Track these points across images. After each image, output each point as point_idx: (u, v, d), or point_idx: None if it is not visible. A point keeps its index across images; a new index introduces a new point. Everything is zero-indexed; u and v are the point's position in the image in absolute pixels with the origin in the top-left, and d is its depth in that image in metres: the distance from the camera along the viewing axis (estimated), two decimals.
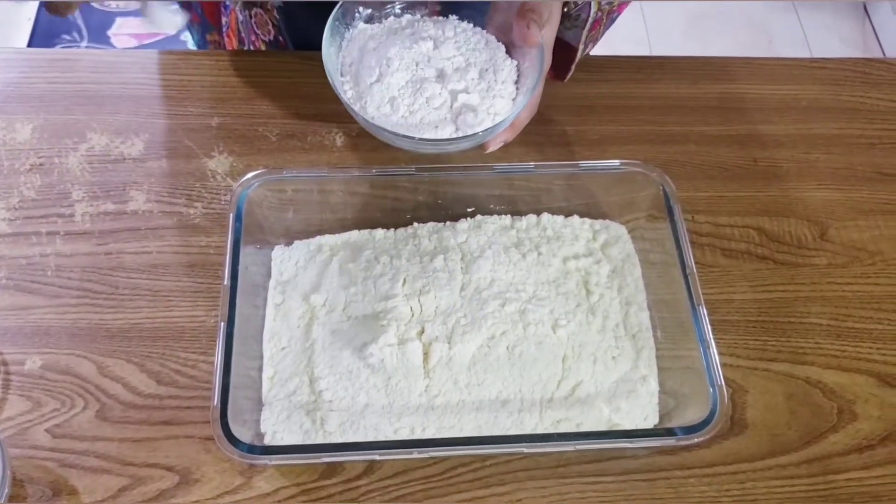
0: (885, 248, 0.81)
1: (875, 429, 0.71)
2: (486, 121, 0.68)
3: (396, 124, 0.68)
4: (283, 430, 0.66)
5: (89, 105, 0.86)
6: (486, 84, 0.69)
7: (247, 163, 0.83)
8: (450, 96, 0.68)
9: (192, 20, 1.07)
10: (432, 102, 0.68)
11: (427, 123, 0.67)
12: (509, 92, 0.70)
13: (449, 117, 0.68)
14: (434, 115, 0.68)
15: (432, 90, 0.68)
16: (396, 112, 0.68)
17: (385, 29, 0.73)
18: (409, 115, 0.68)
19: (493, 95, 0.69)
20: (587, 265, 0.75)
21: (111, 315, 0.73)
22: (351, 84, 0.70)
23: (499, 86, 0.69)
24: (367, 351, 0.67)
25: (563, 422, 0.67)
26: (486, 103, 0.68)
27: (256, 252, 0.74)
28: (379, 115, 0.68)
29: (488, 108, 0.68)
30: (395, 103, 0.68)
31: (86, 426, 0.68)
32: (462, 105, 0.68)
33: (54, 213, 0.78)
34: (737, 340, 0.75)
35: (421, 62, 0.70)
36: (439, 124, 0.67)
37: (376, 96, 0.68)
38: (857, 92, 0.92)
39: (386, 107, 0.68)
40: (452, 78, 0.68)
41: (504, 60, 0.71)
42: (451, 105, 0.68)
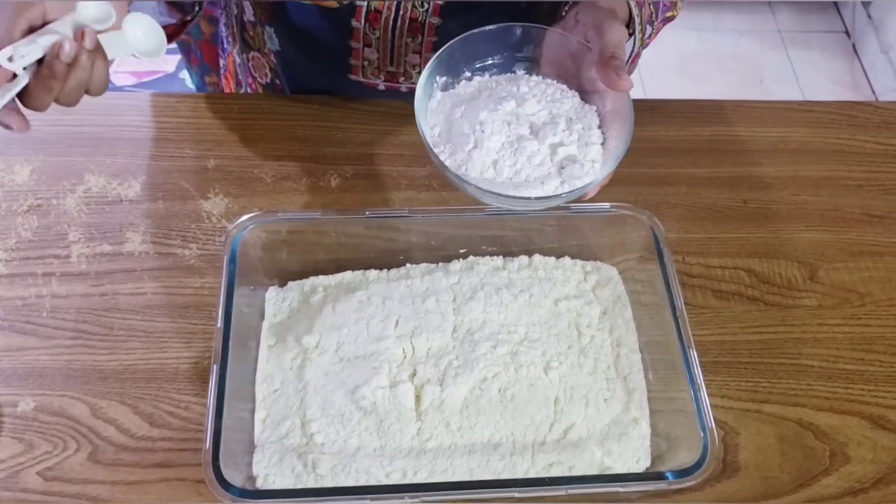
0: (874, 290, 0.81)
1: (868, 472, 0.71)
2: (589, 169, 0.67)
3: (504, 186, 0.66)
4: (274, 472, 0.66)
5: (87, 147, 0.87)
6: (577, 134, 0.68)
7: (242, 204, 0.83)
8: (549, 150, 0.67)
9: (191, 62, 1.08)
10: (533, 160, 0.67)
11: (533, 181, 0.66)
12: (597, 137, 0.69)
13: (553, 172, 0.67)
14: (538, 171, 0.66)
15: (532, 148, 0.67)
16: (501, 174, 0.66)
17: (463, 94, 0.73)
18: (515, 176, 0.67)
19: (585, 143, 0.68)
20: (578, 306, 0.75)
21: (105, 356, 0.73)
22: (448, 153, 0.69)
23: (588, 133, 0.69)
24: (359, 393, 0.67)
25: (556, 465, 0.67)
26: (583, 152, 0.68)
27: (250, 293, 0.75)
28: (483, 180, 0.67)
29: (585, 156, 0.68)
30: (498, 166, 0.67)
31: (78, 469, 0.68)
32: (564, 158, 0.67)
33: (51, 255, 0.79)
34: (728, 382, 0.75)
35: (511, 121, 0.69)
36: (545, 180, 0.66)
37: (477, 162, 0.67)
38: (845, 134, 0.94)
39: (490, 171, 0.67)
40: (547, 132, 0.68)
41: (583, 107, 0.70)
42: (551, 159, 0.67)
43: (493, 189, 0.65)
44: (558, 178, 0.66)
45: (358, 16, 0.84)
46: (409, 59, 0.89)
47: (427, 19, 0.85)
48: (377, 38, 0.87)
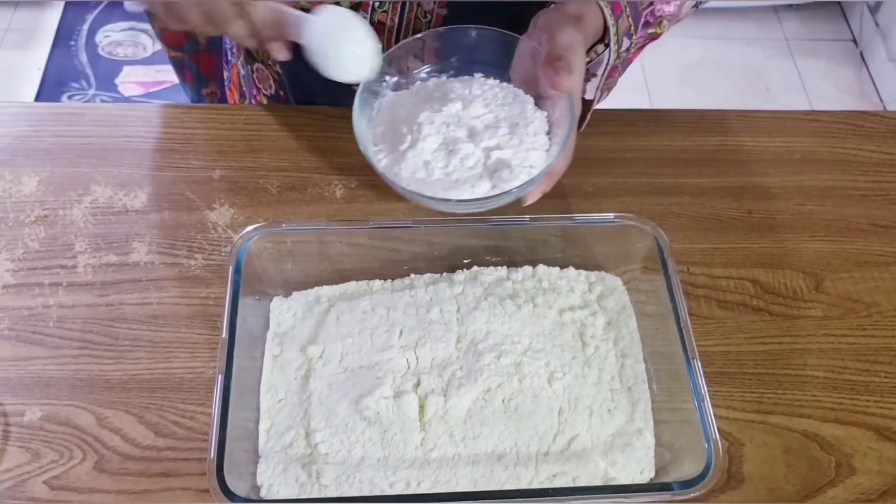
0: (880, 300, 0.81)
1: (874, 483, 0.70)
2: (522, 174, 0.67)
3: (434, 188, 0.67)
4: (278, 482, 0.66)
5: (94, 158, 0.88)
6: (519, 138, 0.69)
7: (247, 215, 0.84)
8: (483, 154, 0.68)
9: (185, 79, 1.09)
10: (466, 162, 0.67)
11: (463, 183, 0.67)
12: (542, 143, 0.70)
13: (485, 175, 0.67)
14: (469, 174, 0.67)
15: (465, 150, 0.67)
16: (432, 175, 0.67)
17: (413, 94, 0.74)
18: (445, 178, 0.67)
19: (526, 149, 0.68)
20: (583, 317, 0.75)
21: (111, 366, 0.74)
22: (385, 153, 0.70)
23: (531, 138, 0.69)
24: (362, 403, 0.68)
25: (560, 476, 0.67)
26: (520, 157, 0.68)
27: (255, 303, 0.75)
28: (415, 181, 0.68)
29: (522, 162, 0.68)
30: (430, 167, 0.68)
31: (84, 478, 0.68)
32: (496, 161, 0.68)
33: (57, 265, 0.79)
34: (733, 393, 0.75)
35: (451, 123, 0.70)
36: (476, 183, 0.67)
37: (410, 162, 0.68)
38: (850, 144, 0.94)
39: (421, 171, 0.68)
40: (484, 135, 0.68)
41: (534, 112, 0.71)
42: (485, 163, 0.68)
43: (420, 191, 0.66)
44: (489, 182, 0.66)
45: None
46: None
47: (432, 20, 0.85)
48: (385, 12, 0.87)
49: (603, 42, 0.75)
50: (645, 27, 0.77)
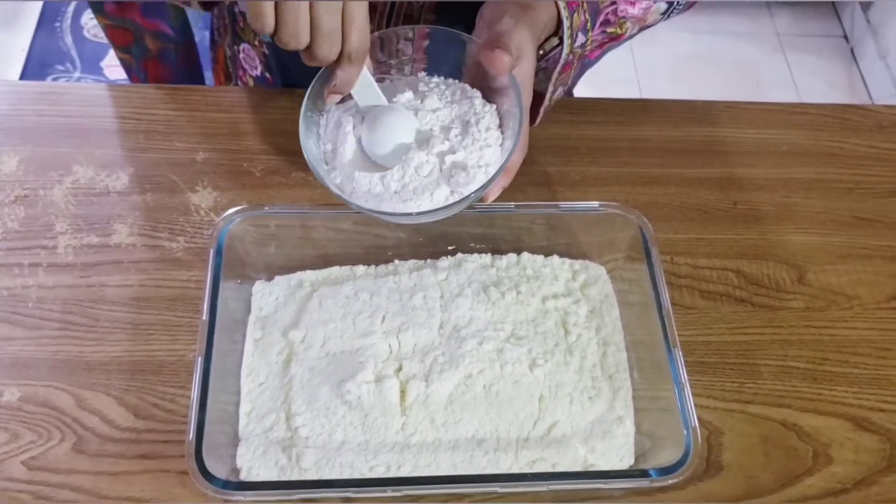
0: (862, 293, 0.81)
1: (850, 472, 0.71)
2: (479, 174, 0.66)
3: (392, 202, 0.66)
4: (258, 465, 0.66)
5: (76, 138, 0.87)
6: (471, 137, 0.67)
7: (230, 198, 0.83)
8: (437, 160, 0.66)
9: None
10: (421, 171, 0.66)
11: (422, 192, 0.66)
12: (495, 138, 0.68)
13: (442, 181, 0.66)
14: (426, 181, 0.66)
15: (418, 159, 0.66)
16: (388, 189, 0.66)
17: (356, 105, 0.70)
18: (402, 190, 0.66)
19: (479, 147, 0.67)
20: (566, 305, 0.75)
21: (91, 348, 0.73)
22: (338, 170, 0.68)
23: (483, 135, 0.67)
24: (344, 388, 0.67)
25: (539, 462, 0.67)
26: (475, 156, 0.67)
27: (237, 287, 0.75)
28: (371, 196, 0.66)
29: (478, 161, 0.67)
30: (386, 180, 0.66)
31: (62, 459, 0.67)
32: (451, 165, 0.66)
33: (37, 245, 0.79)
34: (714, 382, 0.75)
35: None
36: (434, 190, 0.66)
37: (364, 179, 0.66)
38: (837, 137, 0.94)
39: (377, 185, 0.66)
40: (435, 142, 0.67)
41: (483, 107, 0.69)
42: (440, 168, 0.66)
43: (379, 207, 0.65)
44: (447, 187, 0.65)
45: None
46: None
47: (422, 15, 0.85)
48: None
49: (557, 35, 0.74)
50: (604, 25, 0.76)
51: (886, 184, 0.90)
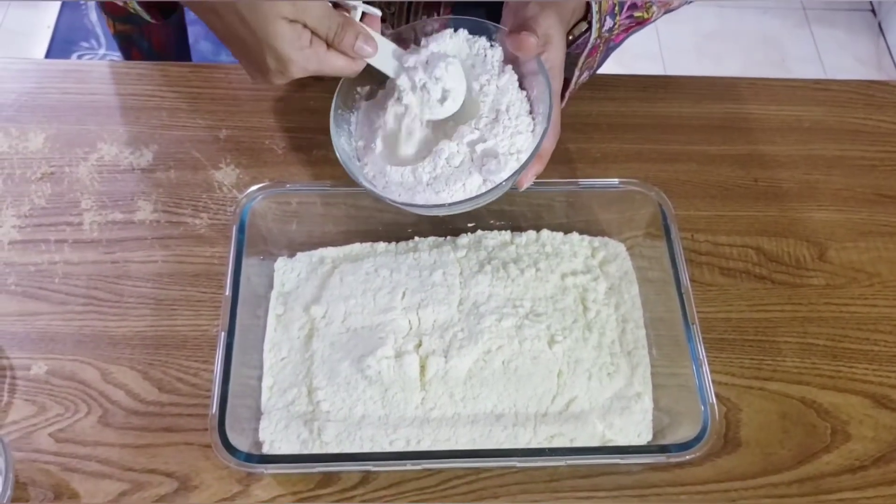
0: (883, 270, 0.81)
1: (868, 450, 0.71)
2: (511, 162, 0.66)
3: (425, 194, 0.66)
4: (280, 439, 0.67)
5: (101, 116, 0.88)
6: (502, 124, 0.67)
7: (253, 175, 0.84)
8: (468, 149, 0.67)
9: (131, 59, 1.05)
10: (452, 161, 0.66)
11: (454, 182, 0.66)
12: (526, 125, 0.67)
13: (473, 170, 0.66)
14: (457, 171, 0.66)
15: (448, 150, 0.66)
16: (420, 181, 0.66)
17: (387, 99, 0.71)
18: (434, 181, 0.66)
19: (510, 134, 0.67)
20: (585, 282, 0.76)
21: (115, 322, 0.75)
22: (370, 166, 0.69)
23: (514, 122, 0.67)
24: (364, 363, 0.68)
25: (557, 437, 0.68)
26: (506, 143, 0.66)
27: (260, 263, 0.75)
28: (405, 190, 0.67)
29: (509, 148, 0.66)
30: (417, 172, 0.66)
31: (88, 431, 0.69)
32: (482, 154, 0.66)
33: (63, 222, 0.80)
34: (732, 359, 0.75)
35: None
36: (466, 180, 0.66)
37: (395, 172, 0.67)
38: (860, 114, 0.93)
39: (409, 177, 0.67)
40: (465, 130, 0.67)
41: (513, 94, 0.68)
42: (471, 157, 0.67)
43: (412, 200, 0.66)
44: (479, 176, 0.65)
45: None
46: None
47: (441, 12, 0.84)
48: (392, 14, 0.86)
49: (585, 19, 0.74)
50: (631, 9, 0.76)
51: None
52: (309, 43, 0.63)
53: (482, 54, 0.70)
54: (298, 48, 0.63)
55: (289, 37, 0.62)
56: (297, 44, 0.62)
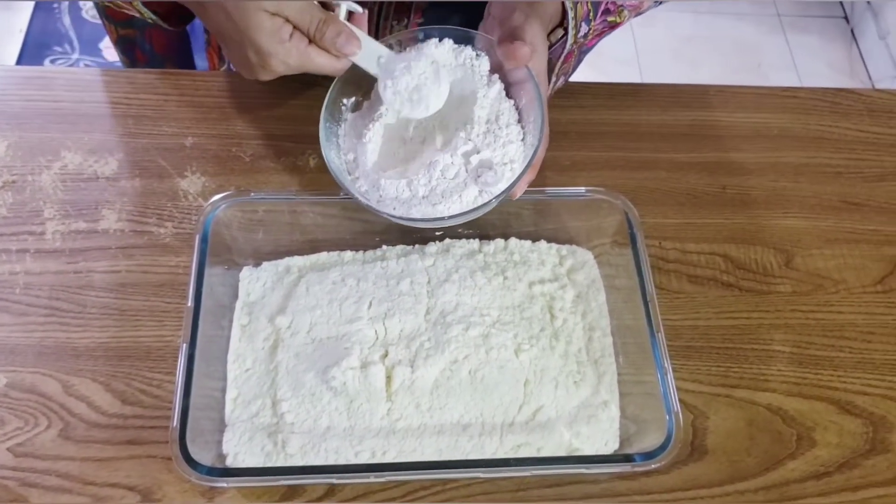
0: (848, 277, 0.81)
1: (833, 456, 0.71)
2: (506, 172, 0.66)
3: (422, 207, 0.66)
4: (244, 451, 0.66)
5: (64, 123, 0.87)
6: (493, 134, 0.67)
7: (219, 183, 0.83)
8: (463, 160, 0.67)
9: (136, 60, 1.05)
10: (447, 173, 0.66)
11: (450, 194, 0.66)
12: (516, 134, 0.68)
13: (469, 181, 0.66)
14: (453, 184, 0.66)
15: (443, 162, 0.66)
16: (416, 194, 0.66)
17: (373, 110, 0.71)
18: (430, 194, 0.66)
19: (502, 144, 0.67)
20: (552, 290, 0.75)
21: (78, 334, 0.73)
22: (362, 178, 0.69)
23: (505, 131, 0.68)
24: (329, 374, 0.68)
25: (524, 446, 0.68)
26: (499, 154, 0.67)
27: (224, 273, 0.75)
28: (400, 204, 0.67)
29: (502, 159, 0.67)
30: (413, 185, 0.66)
31: (48, 445, 0.68)
32: (478, 165, 0.66)
33: (25, 231, 0.79)
34: (700, 366, 0.75)
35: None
36: (462, 192, 0.66)
37: (390, 185, 0.67)
38: (826, 121, 0.93)
39: (405, 191, 0.66)
40: (458, 142, 0.67)
41: (501, 103, 0.69)
42: (466, 169, 0.67)
43: (409, 214, 0.66)
44: (475, 187, 0.65)
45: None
46: None
47: (412, 15, 0.84)
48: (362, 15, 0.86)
49: (561, 26, 0.74)
50: (605, 14, 0.77)
51: (875, 168, 0.90)
52: (289, 37, 0.63)
53: (468, 64, 0.70)
54: (279, 41, 0.63)
55: (269, 29, 0.62)
56: (276, 37, 0.62)
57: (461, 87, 0.70)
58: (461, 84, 0.70)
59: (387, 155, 0.72)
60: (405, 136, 0.72)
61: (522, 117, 0.69)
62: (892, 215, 0.86)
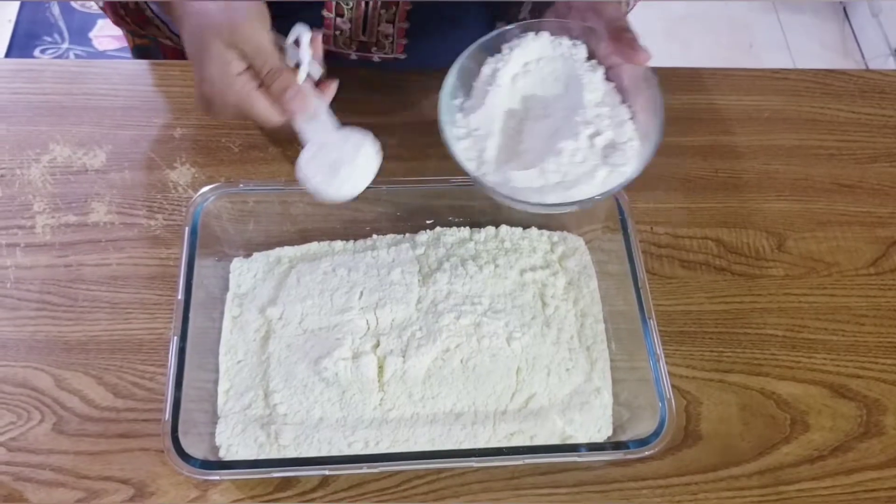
0: (841, 260, 0.81)
1: (827, 440, 0.71)
2: (629, 151, 0.66)
3: (558, 193, 0.66)
4: (237, 443, 0.66)
5: (53, 116, 0.86)
6: (608, 116, 0.67)
7: (209, 174, 0.83)
8: (588, 142, 0.66)
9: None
10: (575, 157, 0.66)
11: (582, 178, 0.66)
12: (626, 113, 0.68)
13: (598, 163, 0.66)
14: (583, 168, 0.66)
15: (570, 147, 0.65)
16: (549, 182, 0.66)
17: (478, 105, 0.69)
18: (563, 179, 0.66)
19: (617, 124, 0.67)
20: (544, 277, 0.75)
21: (69, 327, 0.73)
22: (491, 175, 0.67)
23: (616, 111, 0.68)
24: (321, 365, 0.68)
25: (517, 434, 0.68)
26: (619, 133, 0.67)
27: (215, 264, 0.74)
28: (534, 193, 0.66)
29: (622, 137, 0.67)
30: (545, 173, 0.66)
31: (42, 439, 0.68)
32: (606, 145, 0.66)
33: (15, 225, 0.79)
34: (693, 351, 0.75)
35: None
36: (594, 174, 0.65)
37: (521, 177, 0.66)
38: (818, 103, 0.93)
39: (538, 180, 0.66)
40: (579, 127, 0.66)
41: (606, 86, 0.69)
42: (593, 151, 0.66)
43: (544, 200, 0.65)
44: (604, 168, 0.65)
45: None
46: (381, 29, 0.88)
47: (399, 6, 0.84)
48: (350, 8, 0.85)
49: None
50: None
51: (867, 149, 0.89)
52: (236, 72, 0.61)
53: (567, 53, 0.70)
54: (223, 73, 0.60)
55: (216, 57, 0.60)
56: (222, 67, 0.60)
57: (563, 75, 0.70)
58: (562, 72, 0.70)
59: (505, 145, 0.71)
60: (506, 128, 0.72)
61: (626, 98, 0.69)
62: (885, 197, 0.86)
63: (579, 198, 0.65)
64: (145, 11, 0.71)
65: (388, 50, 0.90)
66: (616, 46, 0.68)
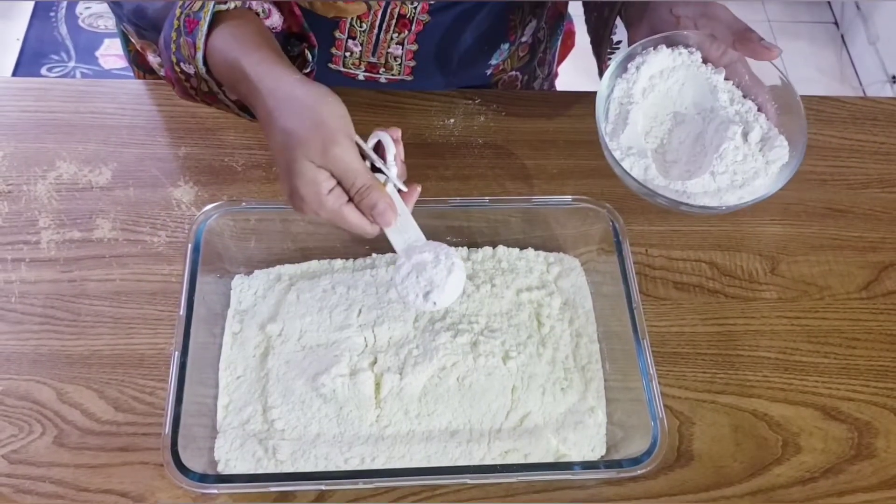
0: (833, 283, 0.83)
1: (818, 461, 0.72)
2: (779, 140, 0.70)
3: (735, 193, 0.69)
4: (235, 457, 0.67)
5: (59, 133, 0.88)
6: (745, 112, 0.71)
7: (212, 192, 0.84)
8: (742, 139, 0.69)
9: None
10: (737, 156, 0.69)
11: (752, 175, 0.69)
12: (754, 107, 0.72)
13: (759, 157, 0.69)
14: (747, 165, 0.69)
15: (730, 147, 0.68)
16: (722, 185, 0.69)
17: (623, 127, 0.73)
18: (734, 178, 0.69)
19: (754, 117, 0.71)
20: (540, 297, 0.76)
21: (72, 342, 0.74)
22: (666, 189, 0.70)
23: (747, 106, 0.72)
24: (319, 381, 0.69)
25: (511, 452, 0.69)
26: (763, 125, 0.70)
27: (217, 281, 0.76)
28: (710, 198, 0.69)
29: (767, 130, 0.70)
30: (718, 178, 0.69)
31: (43, 452, 0.69)
32: (762, 140, 0.70)
33: (20, 241, 0.80)
34: (686, 372, 0.76)
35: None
36: (759, 170, 0.69)
37: (696, 185, 0.69)
38: (811, 129, 0.94)
39: (712, 184, 0.69)
40: (730, 127, 0.69)
41: (728, 84, 0.73)
42: (751, 148, 0.70)
43: (724, 203, 0.69)
44: (762, 161, 0.69)
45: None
46: (391, 51, 0.90)
47: (415, 16, 0.85)
48: (363, 31, 0.87)
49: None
50: None
51: (859, 175, 0.91)
52: (328, 191, 0.63)
53: (688, 62, 0.73)
54: (316, 192, 0.63)
55: (310, 179, 0.62)
56: (315, 187, 0.63)
57: (689, 82, 0.73)
58: (687, 80, 0.73)
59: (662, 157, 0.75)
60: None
61: (748, 95, 0.73)
62: (877, 222, 0.87)
63: (758, 195, 0.69)
64: (218, 94, 0.73)
65: (396, 71, 0.92)
66: (745, 46, 0.71)
